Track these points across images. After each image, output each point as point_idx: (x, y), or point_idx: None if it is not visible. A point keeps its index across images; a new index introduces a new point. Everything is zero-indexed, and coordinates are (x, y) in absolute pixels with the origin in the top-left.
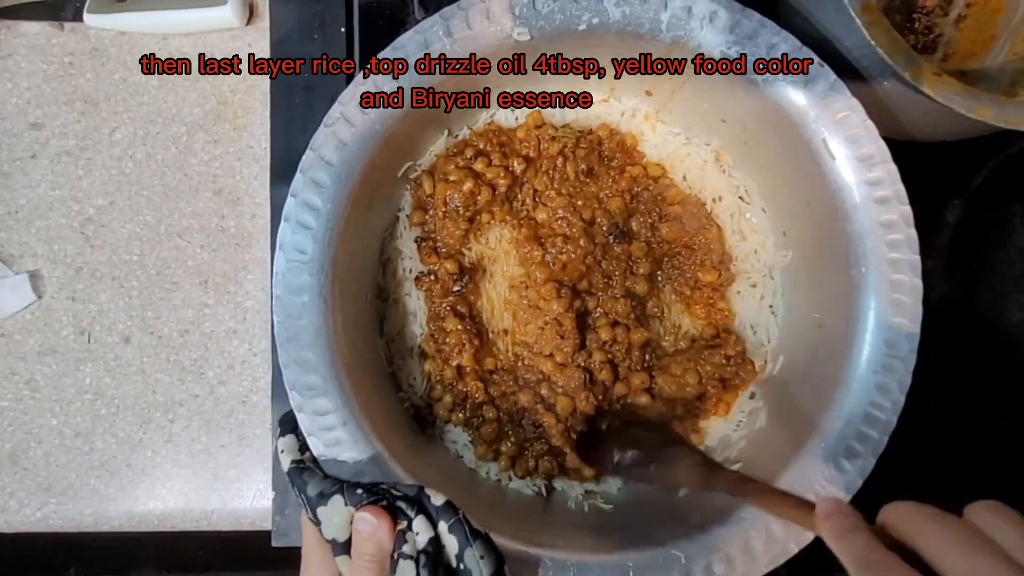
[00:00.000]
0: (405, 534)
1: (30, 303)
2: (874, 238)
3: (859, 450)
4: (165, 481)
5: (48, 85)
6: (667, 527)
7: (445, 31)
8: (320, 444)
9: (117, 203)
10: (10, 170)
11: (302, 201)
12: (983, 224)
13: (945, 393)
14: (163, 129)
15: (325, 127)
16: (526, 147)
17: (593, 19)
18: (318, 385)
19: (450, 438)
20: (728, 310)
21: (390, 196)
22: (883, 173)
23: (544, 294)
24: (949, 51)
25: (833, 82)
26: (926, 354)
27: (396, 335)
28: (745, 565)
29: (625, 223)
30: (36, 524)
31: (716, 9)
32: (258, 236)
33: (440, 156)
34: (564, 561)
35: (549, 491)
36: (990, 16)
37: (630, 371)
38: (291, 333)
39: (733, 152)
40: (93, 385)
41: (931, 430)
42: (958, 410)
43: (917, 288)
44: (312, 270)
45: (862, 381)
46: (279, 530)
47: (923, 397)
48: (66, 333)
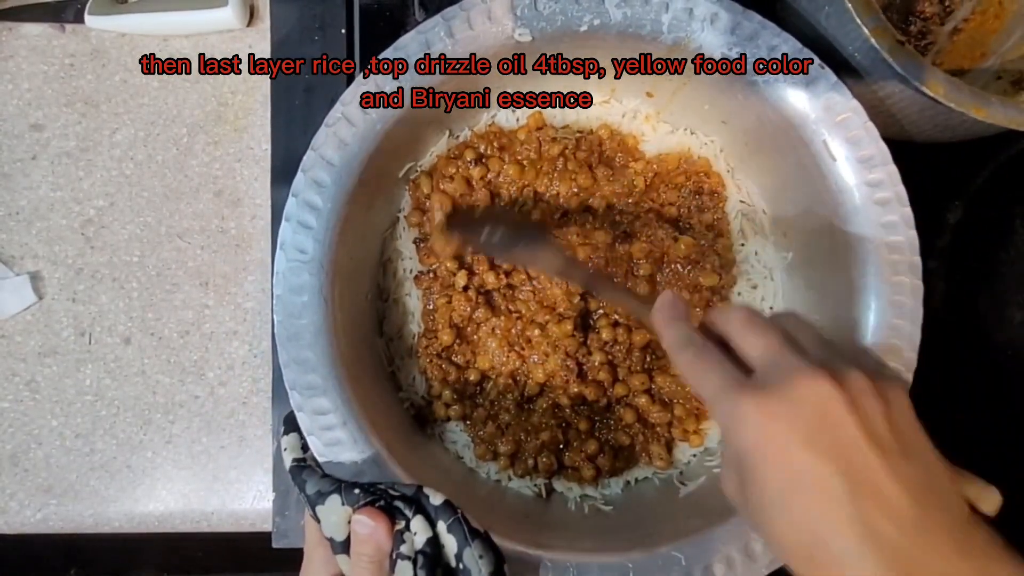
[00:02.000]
0: (403, 534)
1: (31, 304)
2: (875, 240)
3: None
4: (165, 482)
5: (49, 86)
6: (667, 528)
7: (447, 31)
8: (320, 443)
9: (117, 204)
10: (11, 171)
11: (303, 201)
12: (984, 225)
13: (945, 394)
14: (164, 130)
15: (326, 127)
16: (527, 149)
17: (594, 20)
18: (318, 384)
19: (450, 438)
20: None
21: (391, 196)
22: (884, 175)
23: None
24: (938, 60)
25: (834, 83)
26: (927, 355)
27: (396, 335)
28: (745, 567)
29: (628, 224)
30: (36, 525)
31: (717, 11)
32: (258, 237)
33: (441, 157)
34: (564, 562)
35: (549, 492)
36: (985, 35)
37: (630, 372)
38: (291, 332)
39: (734, 154)
40: (93, 386)
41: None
42: (959, 411)
43: (918, 290)
44: (313, 269)
45: None
46: (279, 531)
47: (923, 398)
48: (66, 334)
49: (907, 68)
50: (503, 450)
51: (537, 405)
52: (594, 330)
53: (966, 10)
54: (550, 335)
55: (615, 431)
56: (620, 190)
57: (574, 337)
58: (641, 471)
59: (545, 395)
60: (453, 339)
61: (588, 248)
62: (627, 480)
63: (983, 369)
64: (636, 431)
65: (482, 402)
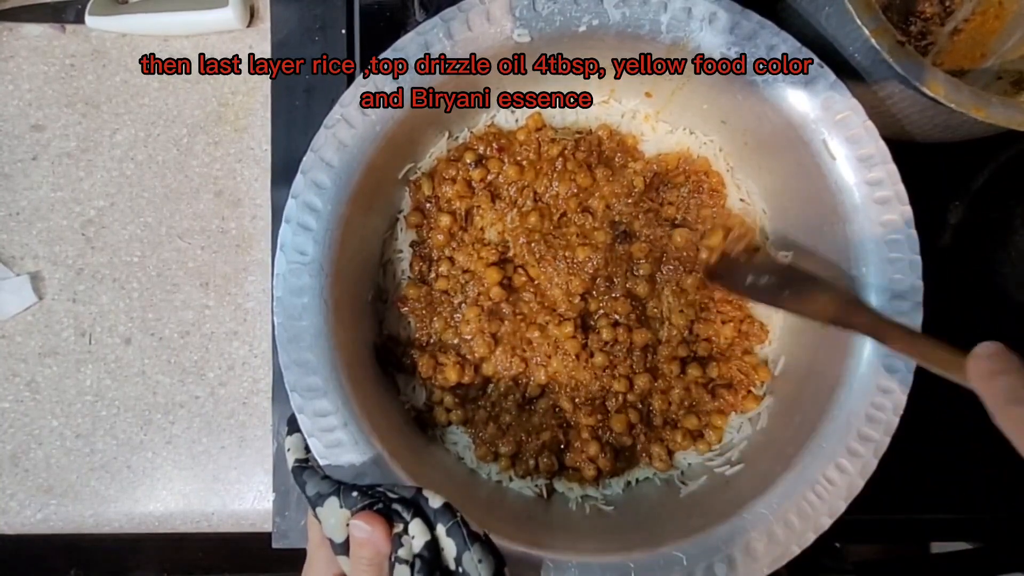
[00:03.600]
0: (401, 538)
1: (31, 304)
2: (874, 239)
3: (860, 451)
4: (165, 482)
5: (49, 87)
6: (668, 528)
7: (446, 32)
8: (321, 445)
9: (118, 205)
10: (11, 172)
11: (303, 202)
12: (984, 225)
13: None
14: (164, 131)
15: (326, 128)
16: (526, 150)
17: (593, 20)
18: (319, 386)
19: (451, 439)
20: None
21: (390, 198)
22: (883, 174)
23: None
24: (938, 60)
25: (833, 82)
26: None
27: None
28: (746, 567)
29: (628, 223)
30: (37, 526)
31: (715, 10)
32: (259, 238)
33: (440, 159)
34: (565, 562)
35: (550, 492)
36: (985, 35)
37: (632, 372)
38: (292, 334)
39: (733, 153)
40: (94, 386)
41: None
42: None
43: (918, 289)
44: (313, 271)
45: (863, 381)
46: (279, 532)
47: (924, 398)
48: (67, 335)
49: (907, 68)
50: (504, 451)
51: (538, 406)
52: (594, 331)
53: (966, 10)
54: (550, 336)
55: (616, 432)
56: (619, 190)
57: (575, 338)
58: (642, 471)
59: (546, 396)
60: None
61: (588, 248)
62: (628, 480)
63: None
64: (638, 431)
65: (483, 404)
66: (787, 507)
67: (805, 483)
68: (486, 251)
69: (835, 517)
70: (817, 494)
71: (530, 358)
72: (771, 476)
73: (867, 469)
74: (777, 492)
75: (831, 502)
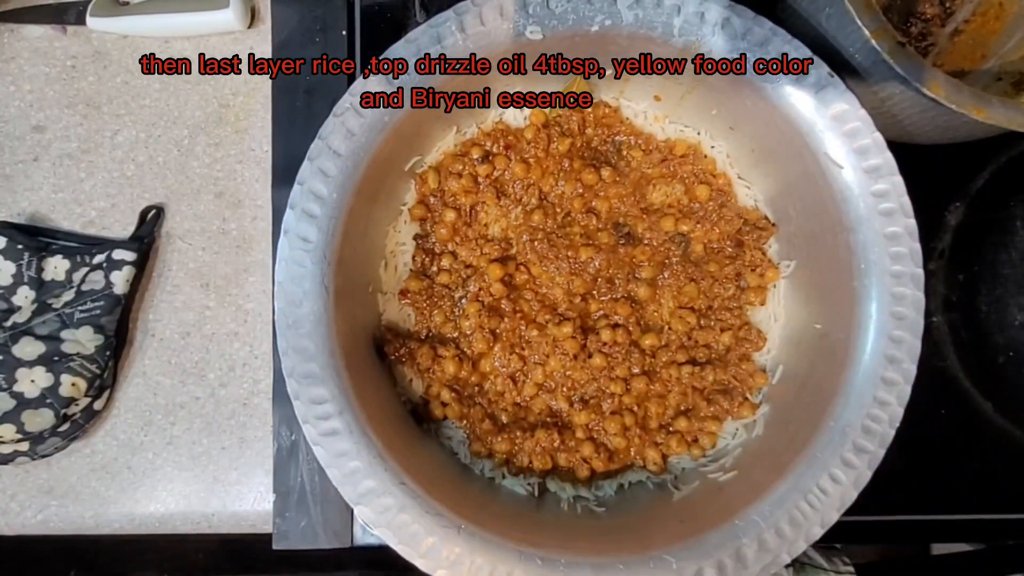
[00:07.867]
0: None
1: None
2: (878, 250)
3: (855, 462)
4: (166, 483)
5: (50, 88)
6: (659, 532)
7: (458, 26)
8: (315, 432)
9: (119, 206)
10: (12, 173)
11: (308, 190)
12: (984, 226)
13: (945, 395)
14: (165, 132)
15: (335, 116)
16: (534, 147)
17: (606, 21)
18: (316, 373)
19: (445, 434)
20: None
21: (395, 190)
22: (889, 185)
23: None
24: (938, 61)
25: (843, 92)
26: (926, 355)
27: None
28: (736, 572)
29: (632, 226)
30: (37, 527)
31: (729, 16)
32: (259, 239)
33: (447, 153)
34: (555, 560)
35: (542, 491)
36: (986, 36)
37: (629, 374)
38: (291, 320)
39: (740, 160)
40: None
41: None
42: (959, 412)
43: (919, 302)
44: (315, 258)
45: (860, 393)
46: (280, 533)
47: (924, 398)
48: None
49: (908, 69)
50: (499, 448)
51: (534, 404)
52: (594, 332)
53: (966, 12)
54: (549, 335)
55: (611, 434)
56: (625, 191)
57: (574, 339)
58: (635, 474)
59: (543, 395)
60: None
61: (591, 249)
62: (621, 483)
63: (983, 369)
64: (632, 434)
65: (480, 400)
66: (779, 515)
67: (798, 492)
68: (489, 247)
69: (827, 527)
70: (810, 503)
71: (528, 356)
72: (764, 484)
73: (861, 480)
74: (770, 500)
75: (824, 512)
